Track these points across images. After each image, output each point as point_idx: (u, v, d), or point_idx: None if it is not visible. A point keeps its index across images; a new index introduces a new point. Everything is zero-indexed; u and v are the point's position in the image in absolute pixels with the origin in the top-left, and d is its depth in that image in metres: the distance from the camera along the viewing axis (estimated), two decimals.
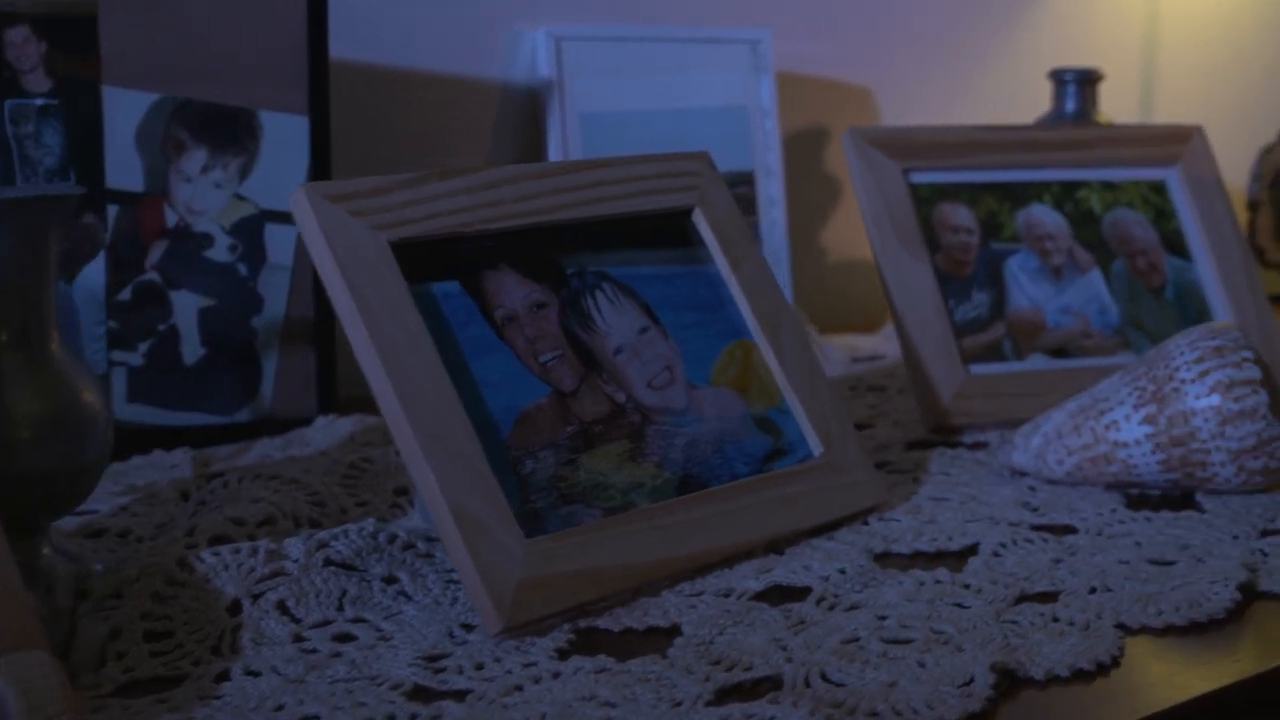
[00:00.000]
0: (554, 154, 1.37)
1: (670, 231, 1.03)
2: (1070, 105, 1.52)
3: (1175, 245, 1.32)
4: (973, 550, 0.96)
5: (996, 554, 0.95)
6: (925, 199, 1.27)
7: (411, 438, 0.84)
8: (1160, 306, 1.30)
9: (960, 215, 1.27)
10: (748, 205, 1.44)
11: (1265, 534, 0.99)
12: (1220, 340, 1.04)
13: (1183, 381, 1.04)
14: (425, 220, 0.92)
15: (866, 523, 1.00)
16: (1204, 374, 1.03)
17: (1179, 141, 1.35)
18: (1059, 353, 1.25)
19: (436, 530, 0.86)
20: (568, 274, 0.97)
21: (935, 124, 1.38)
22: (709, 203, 1.05)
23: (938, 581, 0.90)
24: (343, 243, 0.88)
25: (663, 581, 0.90)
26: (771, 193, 1.45)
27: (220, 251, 1.17)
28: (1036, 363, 1.24)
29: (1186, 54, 1.95)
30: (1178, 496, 1.06)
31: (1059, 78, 1.53)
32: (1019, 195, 1.29)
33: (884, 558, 0.95)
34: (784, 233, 1.45)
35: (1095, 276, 1.29)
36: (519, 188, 0.96)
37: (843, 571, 0.91)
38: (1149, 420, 1.04)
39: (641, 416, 0.95)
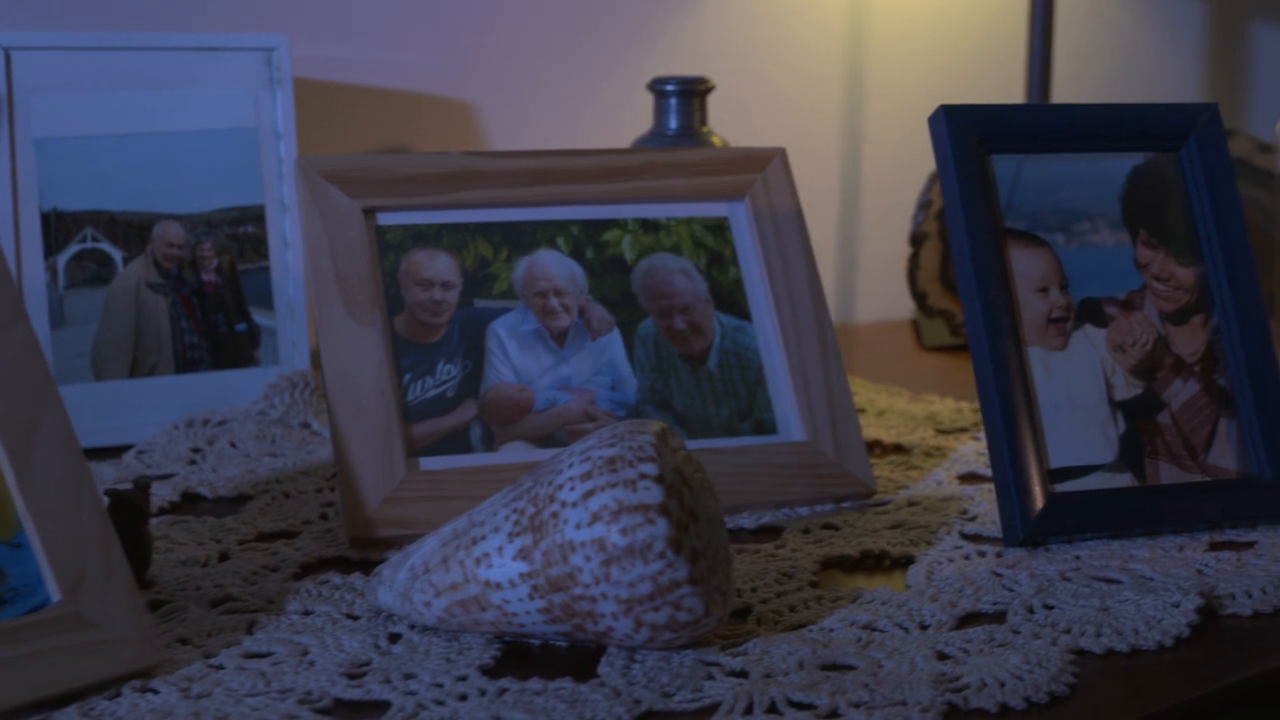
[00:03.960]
0: None
1: None
2: (673, 122, 1.25)
3: (731, 300, 1.06)
4: None
5: None
6: (395, 245, 1.01)
7: None
8: (698, 379, 1.03)
9: (437, 265, 1.01)
10: (257, 246, 1.19)
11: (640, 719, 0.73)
12: (619, 448, 0.78)
13: (563, 504, 0.77)
14: None
15: (119, 695, 0.74)
16: (589, 495, 0.77)
17: (751, 168, 1.09)
18: (547, 441, 0.99)
19: None
20: None
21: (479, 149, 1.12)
22: None
23: None
24: None
25: None
26: (286, 232, 1.19)
27: None
28: (513, 454, 0.98)
29: (897, 66, 1.68)
30: (593, 650, 0.80)
31: (658, 89, 1.26)
32: (523, 239, 1.03)
33: None
34: (301, 280, 1.19)
35: (612, 341, 1.02)
36: None
37: None
38: (524, 555, 0.78)
39: None
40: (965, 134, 0.99)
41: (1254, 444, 1.00)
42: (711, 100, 1.48)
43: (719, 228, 1.07)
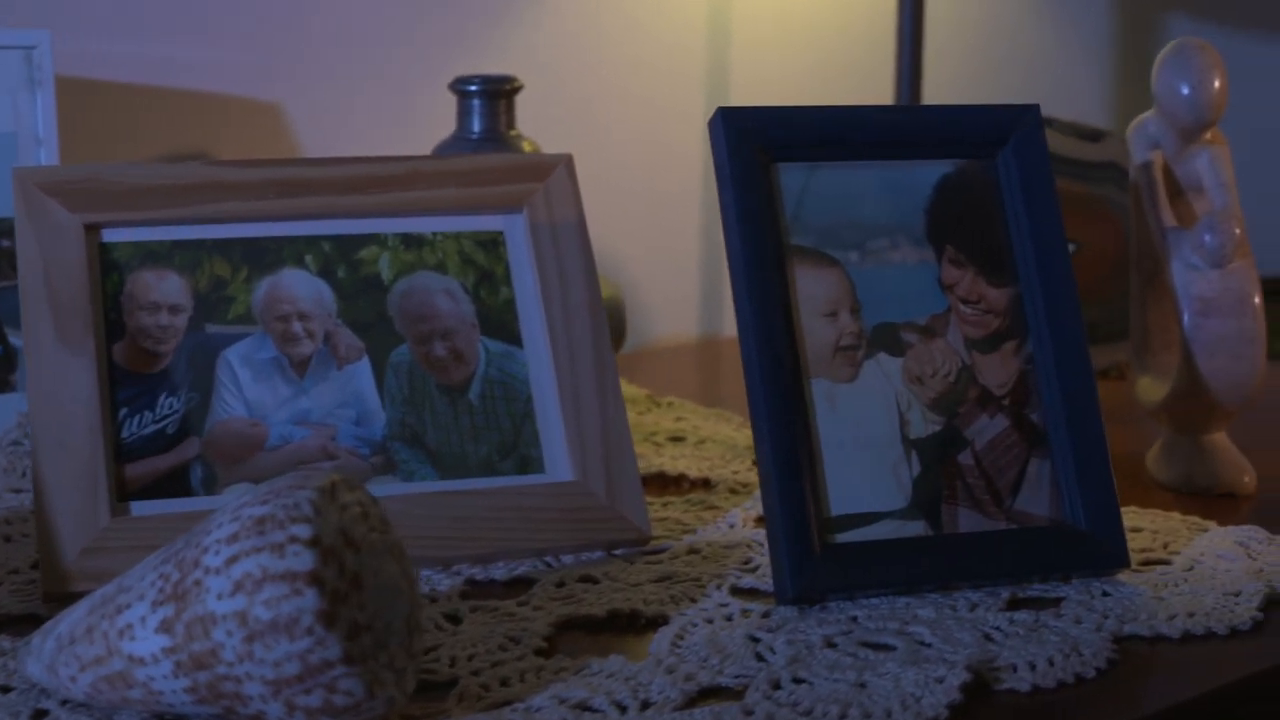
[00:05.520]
0: None
1: None
2: (477, 124, 1.15)
3: (500, 323, 0.96)
4: None
5: None
6: (121, 265, 0.91)
7: None
8: (456, 412, 0.93)
9: (166, 287, 0.91)
10: (13, 261, 1.09)
11: None
12: (272, 505, 0.68)
13: (207, 571, 0.68)
14: None
15: None
16: (232, 560, 0.67)
17: (531, 177, 0.98)
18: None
19: None
20: None
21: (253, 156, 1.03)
22: None
23: None
24: None
25: None
26: None
27: None
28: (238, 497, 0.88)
29: (764, 62, 1.57)
30: None
31: (460, 89, 1.16)
32: (266, 257, 0.93)
33: None
34: None
35: (360, 370, 0.92)
36: None
37: None
38: (166, 627, 0.68)
39: None
40: (745, 139, 0.89)
41: (1068, 487, 0.89)
42: (556, 102, 1.38)
43: (492, 243, 0.97)
